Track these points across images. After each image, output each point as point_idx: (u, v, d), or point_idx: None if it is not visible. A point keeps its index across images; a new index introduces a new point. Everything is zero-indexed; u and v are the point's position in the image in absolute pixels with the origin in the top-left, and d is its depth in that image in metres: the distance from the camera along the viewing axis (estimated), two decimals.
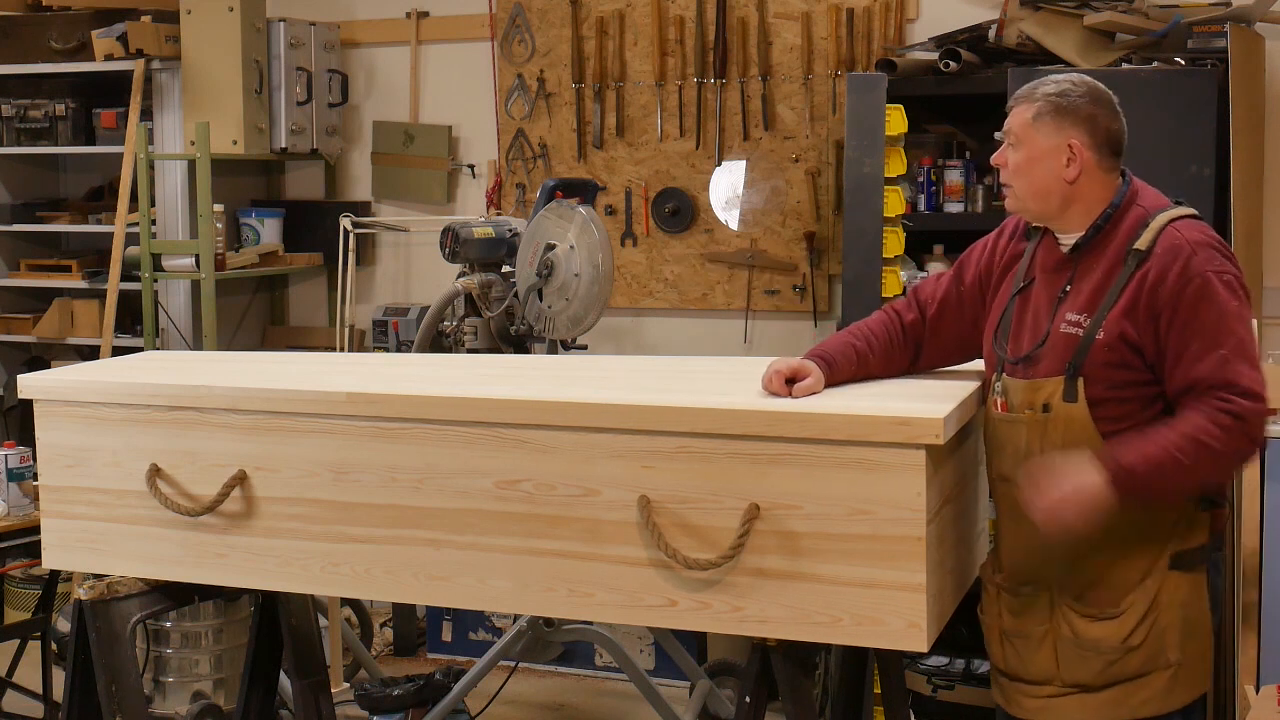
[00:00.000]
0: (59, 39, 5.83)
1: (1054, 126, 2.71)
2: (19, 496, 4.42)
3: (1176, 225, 2.69)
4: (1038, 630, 2.76)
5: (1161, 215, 2.70)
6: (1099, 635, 2.70)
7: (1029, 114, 2.73)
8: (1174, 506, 2.69)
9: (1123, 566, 2.70)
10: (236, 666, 4.57)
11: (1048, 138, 2.72)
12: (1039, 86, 2.76)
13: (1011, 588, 2.81)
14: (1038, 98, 2.74)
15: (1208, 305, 2.61)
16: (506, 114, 5.75)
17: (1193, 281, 2.62)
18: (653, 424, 2.65)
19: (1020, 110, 2.76)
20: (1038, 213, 2.78)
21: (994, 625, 2.86)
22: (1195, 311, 2.61)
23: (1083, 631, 2.71)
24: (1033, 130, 2.73)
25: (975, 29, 4.62)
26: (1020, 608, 2.79)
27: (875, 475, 2.52)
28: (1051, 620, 2.75)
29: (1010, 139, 2.77)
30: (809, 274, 5.33)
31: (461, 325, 4.74)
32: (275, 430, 2.97)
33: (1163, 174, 4.03)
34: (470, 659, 5.14)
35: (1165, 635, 2.69)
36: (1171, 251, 2.65)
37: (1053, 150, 2.71)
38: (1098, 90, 2.77)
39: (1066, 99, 2.72)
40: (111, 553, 3.17)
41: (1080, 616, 2.72)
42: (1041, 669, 2.76)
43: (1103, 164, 2.74)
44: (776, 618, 2.61)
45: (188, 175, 5.63)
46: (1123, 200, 2.74)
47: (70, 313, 5.94)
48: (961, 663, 4.55)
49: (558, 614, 2.94)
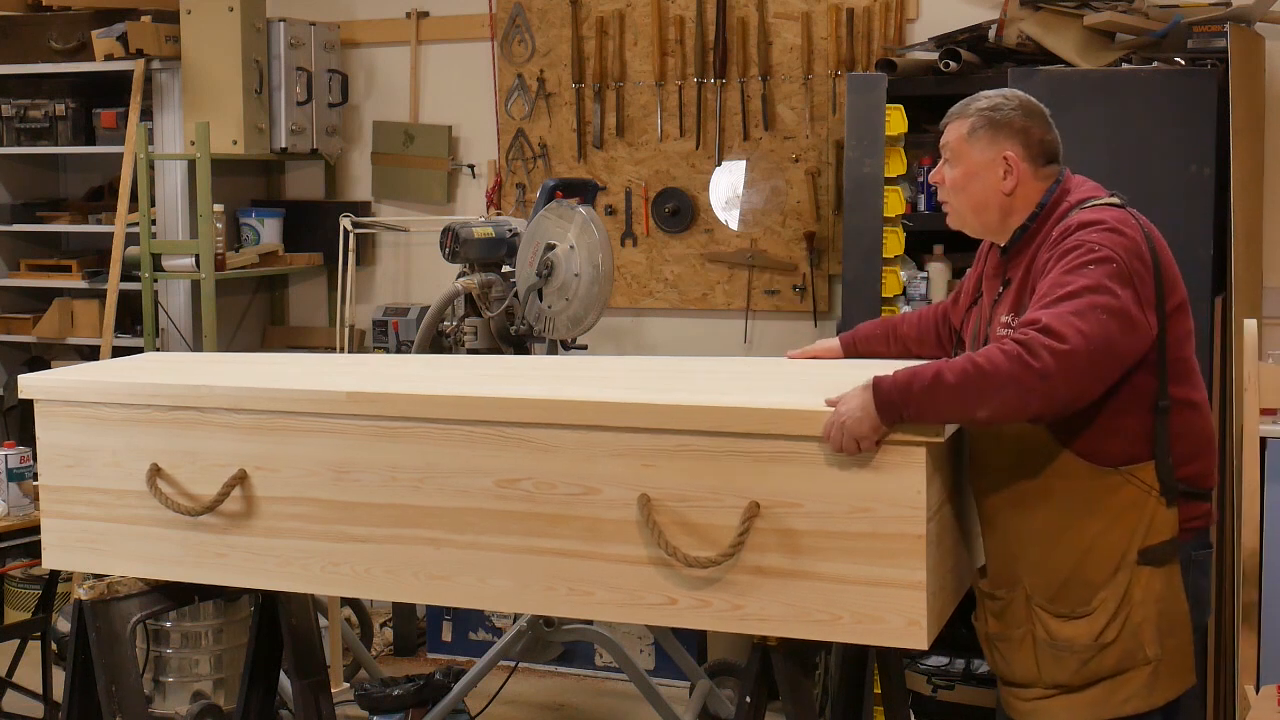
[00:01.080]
0: (59, 39, 5.83)
1: (988, 140, 2.75)
2: (19, 496, 4.42)
3: (1082, 210, 2.70)
4: (1017, 633, 2.78)
5: (1079, 207, 2.72)
6: (1071, 634, 2.71)
7: (964, 129, 2.77)
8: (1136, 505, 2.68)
9: (1089, 565, 2.70)
10: (236, 666, 4.57)
11: (983, 152, 2.75)
12: (972, 102, 2.79)
13: (991, 592, 2.83)
14: (971, 113, 2.77)
15: (1065, 258, 2.60)
16: (506, 114, 5.75)
17: (1065, 240, 2.63)
18: (653, 423, 2.65)
19: (955, 126, 2.79)
20: (978, 226, 2.83)
21: (982, 630, 2.88)
22: (1054, 265, 2.60)
23: (1056, 631, 2.72)
24: (968, 145, 2.76)
25: (975, 29, 4.62)
26: (1000, 611, 2.81)
27: (875, 473, 2.52)
28: (1028, 622, 2.75)
29: (946, 154, 2.80)
30: (809, 274, 5.33)
31: (461, 325, 4.74)
32: (276, 430, 2.97)
33: (1163, 174, 4.06)
34: (470, 659, 5.15)
35: (1140, 631, 2.69)
36: (1061, 230, 2.67)
37: (989, 164, 2.75)
38: (1030, 103, 2.79)
39: (999, 113, 2.75)
40: (111, 553, 3.17)
41: (1053, 617, 2.72)
42: (1024, 671, 2.77)
43: (1038, 174, 2.77)
44: (776, 616, 2.61)
45: (188, 175, 5.63)
46: (1050, 199, 2.76)
47: (70, 313, 5.94)
48: (961, 663, 4.55)
49: (558, 613, 2.94)
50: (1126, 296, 2.57)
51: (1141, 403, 2.68)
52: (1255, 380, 3.35)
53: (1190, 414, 2.74)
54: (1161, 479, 2.69)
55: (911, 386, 2.47)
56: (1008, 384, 2.46)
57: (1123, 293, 2.57)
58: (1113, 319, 2.54)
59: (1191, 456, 2.75)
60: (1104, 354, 2.53)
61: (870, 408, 2.47)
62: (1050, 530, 2.71)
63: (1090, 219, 2.66)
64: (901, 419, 2.48)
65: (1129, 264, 2.61)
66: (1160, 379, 2.69)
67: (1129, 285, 2.59)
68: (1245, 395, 3.39)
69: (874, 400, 2.47)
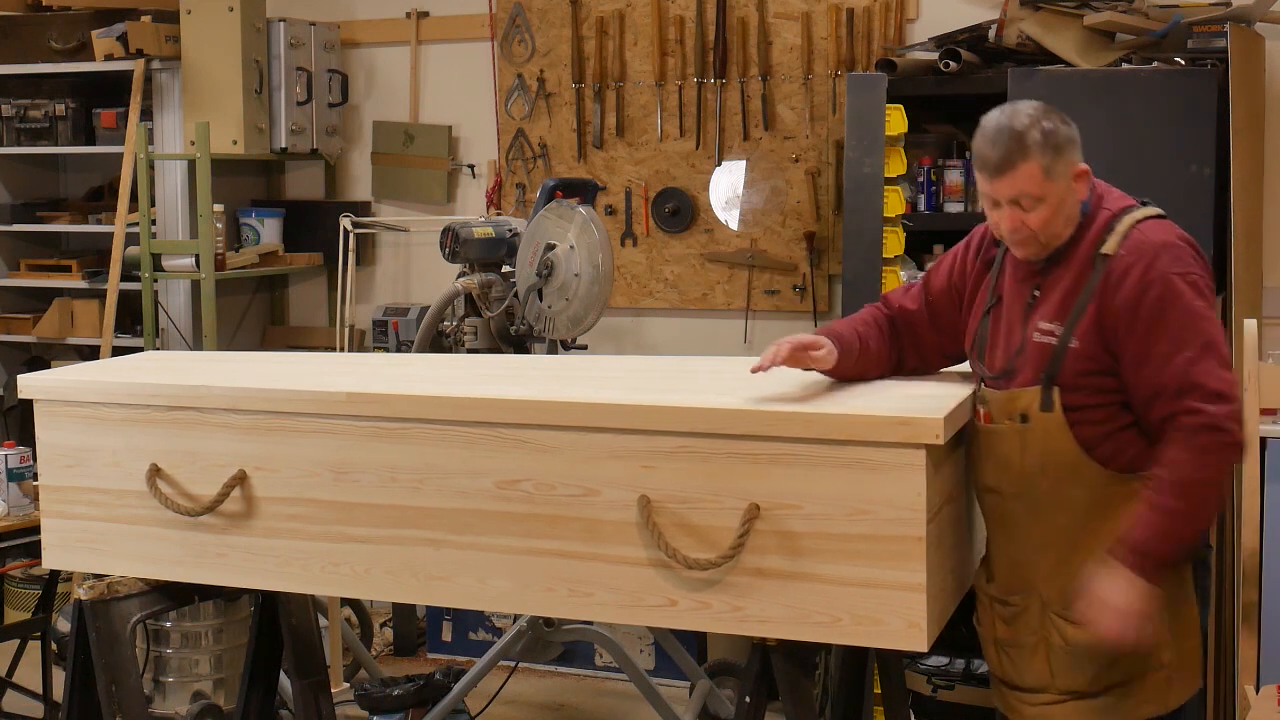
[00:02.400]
0: (59, 39, 5.83)
1: (1063, 166, 2.66)
2: (19, 496, 4.42)
3: (1141, 227, 2.68)
4: (1030, 639, 2.77)
5: (1128, 217, 2.70)
6: (1088, 640, 2.70)
7: (1038, 171, 2.63)
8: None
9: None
10: (236, 666, 4.57)
11: (1062, 178, 2.66)
12: (1024, 139, 2.62)
13: (1002, 598, 2.81)
14: (1034, 152, 2.63)
15: (1172, 308, 2.60)
16: (506, 114, 5.75)
17: (1153, 286, 2.61)
18: (653, 424, 2.65)
19: (1024, 171, 2.63)
20: (1053, 248, 2.74)
21: (989, 635, 2.86)
22: (1158, 316, 2.60)
23: (1072, 638, 2.71)
24: (1048, 183, 2.65)
25: (975, 29, 4.62)
26: (1012, 617, 2.80)
27: (875, 475, 2.52)
28: (1043, 629, 2.75)
29: (1025, 203, 2.66)
30: (809, 274, 5.33)
31: (461, 325, 4.74)
32: (275, 430, 2.97)
33: (1163, 174, 4.05)
34: (470, 659, 5.14)
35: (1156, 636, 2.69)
36: (1135, 253, 2.64)
37: (1069, 188, 2.68)
38: (1053, 109, 2.71)
39: (1055, 135, 2.65)
40: (111, 553, 3.17)
41: (1070, 624, 2.71)
42: (1037, 677, 2.77)
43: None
44: (776, 617, 2.61)
45: (188, 175, 5.63)
46: (1089, 207, 2.73)
47: (70, 313, 5.93)
48: (961, 663, 4.55)
49: (557, 614, 2.94)
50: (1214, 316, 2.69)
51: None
52: (1255, 380, 3.34)
53: None
54: None
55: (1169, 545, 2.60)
56: (1227, 472, 2.63)
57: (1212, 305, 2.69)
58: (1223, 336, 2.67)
59: None
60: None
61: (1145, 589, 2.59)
62: (1067, 537, 2.71)
63: (1169, 240, 2.66)
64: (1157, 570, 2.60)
65: (1206, 273, 2.69)
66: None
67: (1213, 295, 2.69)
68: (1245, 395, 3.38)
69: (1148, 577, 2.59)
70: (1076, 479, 2.69)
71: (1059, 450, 2.68)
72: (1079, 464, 2.68)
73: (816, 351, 2.74)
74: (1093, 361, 2.65)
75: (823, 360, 2.74)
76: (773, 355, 2.72)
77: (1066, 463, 2.68)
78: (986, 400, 2.77)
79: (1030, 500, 2.73)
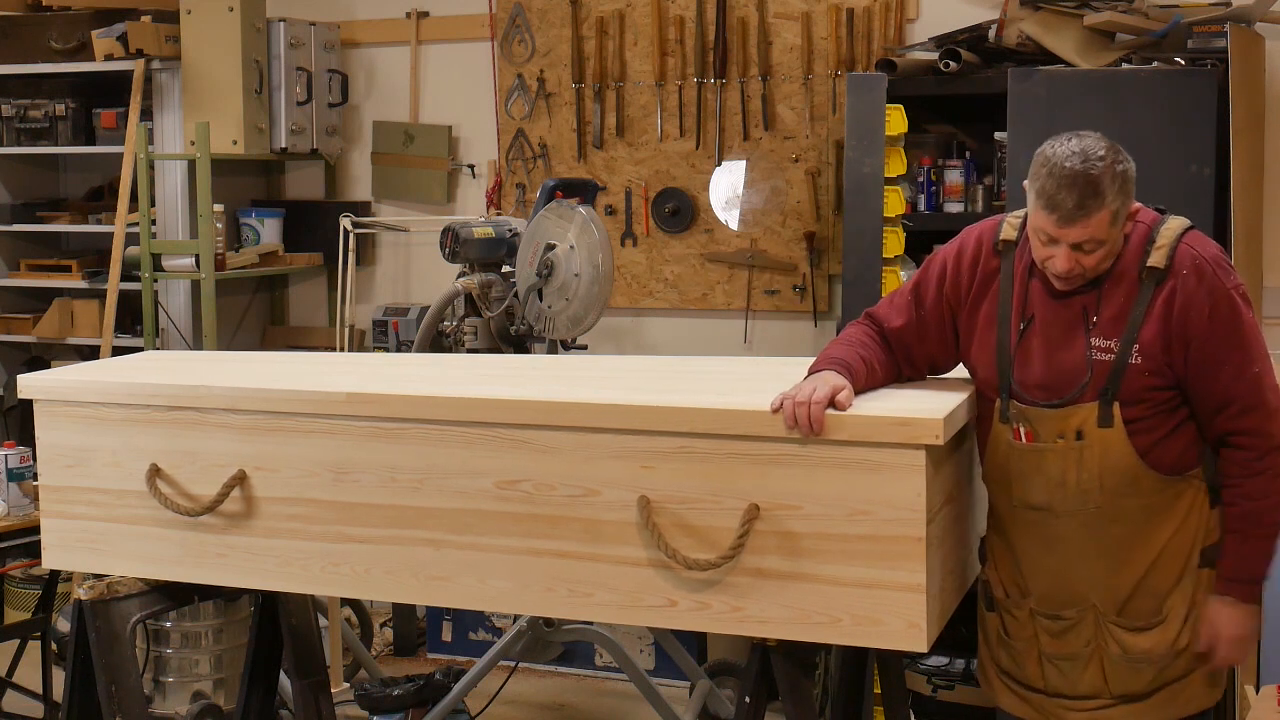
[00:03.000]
0: (59, 39, 5.83)
1: (1127, 208, 2.65)
2: (19, 496, 4.42)
3: (1188, 241, 2.69)
4: (1084, 651, 2.76)
5: (1164, 229, 2.70)
6: (1149, 645, 2.72)
7: (1107, 218, 2.60)
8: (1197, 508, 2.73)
9: (1157, 574, 2.72)
10: (236, 666, 4.57)
11: (1124, 219, 2.66)
12: (1099, 185, 2.57)
13: (1048, 613, 2.79)
14: (1108, 198, 2.58)
15: (1241, 321, 2.66)
16: (506, 114, 5.75)
17: (1221, 300, 2.65)
18: (653, 424, 2.65)
19: (1098, 219, 2.59)
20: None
21: (1029, 650, 2.83)
22: (1232, 329, 2.65)
23: (1131, 645, 2.73)
24: (1113, 228, 2.63)
25: (975, 29, 4.62)
26: (1062, 630, 2.78)
27: (875, 475, 2.52)
28: (1097, 640, 2.75)
29: (1089, 246, 2.62)
30: (809, 274, 5.33)
31: (461, 325, 4.74)
32: (275, 430, 2.97)
33: (1163, 174, 4.04)
34: (470, 659, 5.14)
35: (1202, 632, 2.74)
36: (1195, 271, 2.66)
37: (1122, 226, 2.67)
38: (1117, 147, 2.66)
39: (1125, 180, 2.62)
40: (111, 553, 3.17)
41: (1126, 631, 2.73)
42: (1090, 685, 2.77)
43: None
44: (776, 618, 2.61)
45: (188, 175, 5.63)
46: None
47: (70, 313, 5.93)
48: (961, 663, 4.55)
49: (557, 614, 2.94)
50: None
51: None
52: None
53: None
54: (1210, 479, 2.72)
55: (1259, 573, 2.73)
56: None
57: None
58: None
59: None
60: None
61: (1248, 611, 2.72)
62: (1123, 545, 2.71)
63: (1219, 255, 2.71)
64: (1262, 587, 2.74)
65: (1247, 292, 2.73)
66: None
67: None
68: None
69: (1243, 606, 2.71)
70: (1133, 489, 2.69)
71: (1118, 464, 2.68)
72: (1138, 475, 2.68)
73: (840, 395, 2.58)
74: (1156, 376, 2.66)
75: (845, 402, 2.58)
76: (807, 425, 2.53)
77: (1126, 476, 2.68)
78: (1029, 419, 2.73)
79: (1084, 515, 2.71)
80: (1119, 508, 2.70)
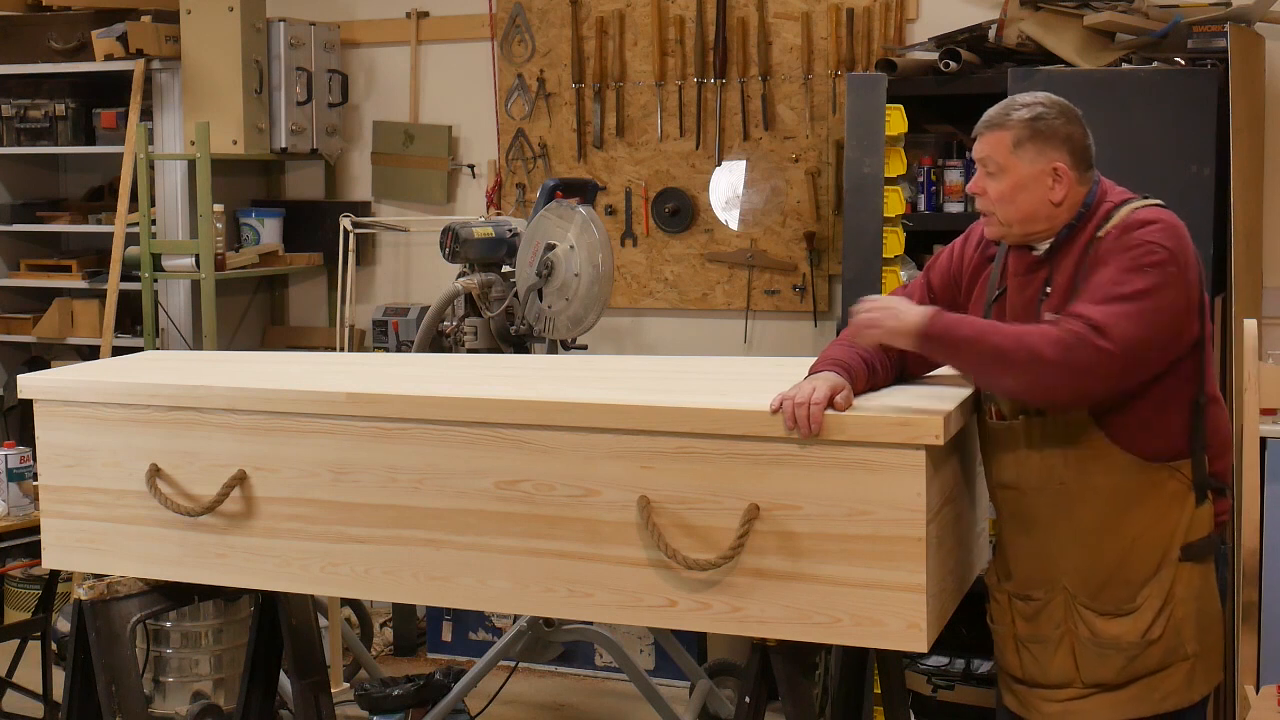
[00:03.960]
0: (59, 39, 5.83)
1: (1035, 151, 2.69)
2: (19, 496, 4.42)
3: (1137, 210, 2.69)
4: (1054, 634, 2.76)
5: (1126, 206, 2.71)
6: (1118, 632, 2.70)
7: (1008, 140, 2.70)
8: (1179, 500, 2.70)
9: (1132, 561, 2.70)
10: (236, 666, 4.57)
11: (1031, 163, 2.70)
12: (1010, 110, 2.72)
13: (1023, 594, 2.80)
14: (1013, 123, 2.70)
15: (1123, 259, 2.61)
16: (506, 114, 5.75)
17: (1122, 242, 2.62)
18: (653, 424, 2.65)
19: (995, 138, 2.72)
20: (1022, 235, 2.77)
21: (1007, 633, 2.84)
22: (1111, 262, 2.61)
23: (1101, 630, 2.71)
24: (1014, 158, 2.70)
25: (975, 29, 4.62)
26: (1034, 613, 2.78)
27: (875, 476, 2.52)
28: (1067, 622, 2.74)
29: (989, 167, 2.73)
30: (809, 274, 5.33)
31: (461, 325, 4.74)
32: (275, 430, 2.97)
33: (1163, 174, 4.05)
34: (470, 659, 5.14)
35: (1182, 628, 2.71)
36: (1121, 227, 2.66)
37: (1038, 175, 2.70)
38: (1069, 108, 2.75)
39: (1043, 121, 2.70)
40: (111, 553, 3.17)
41: (1097, 615, 2.71)
42: (1060, 672, 2.76)
43: (1081, 179, 2.74)
44: (776, 618, 2.61)
45: (188, 175, 5.62)
46: (1093, 200, 2.74)
47: (70, 313, 5.93)
48: (961, 663, 4.55)
49: (557, 614, 2.94)
50: (1179, 299, 2.62)
51: (1182, 400, 2.69)
52: (1255, 380, 3.34)
53: (1216, 410, 2.77)
54: (1199, 476, 2.71)
55: (961, 346, 2.60)
56: (1048, 368, 2.53)
57: (1175, 296, 2.61)
58: (1161, 323, 2.59)
59: (1221, 452, 2.77)
60: (1142, 358, 2.58)
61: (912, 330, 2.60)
62: (1095, 528, 2.70)
63: (1151, 218, 2.66)
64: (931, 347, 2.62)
65: (1185, 266, 2.64)
66: (1199, 377, 2.71)
67: (1182, 288, 2.63)
68: (1245, 395, 3.38)
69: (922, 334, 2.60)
70: (1102, 467, 2.68)
71: (1081, 439, 2.67)
72: (1104, 451, 2.67)
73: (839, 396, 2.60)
74: None
75: (844, 403, 2.60)
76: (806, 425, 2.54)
77: (1090, 452, 2.68)
78: (995, 397, 2.77)
79: (1053, 493, 2.72)
80: (1088, 487, 2.69)
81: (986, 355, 2.58)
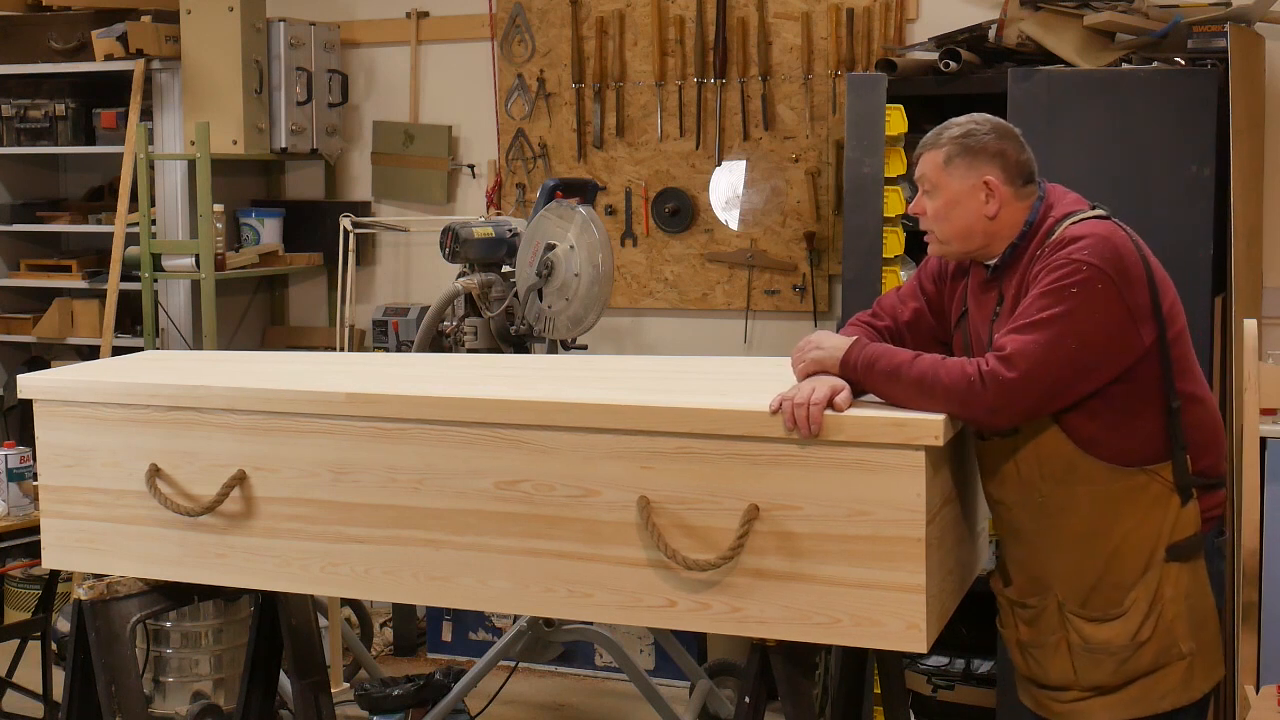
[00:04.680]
0: (59, 39, 5.83)
1: (966, 167, 2.74)
2: (19, 496, 4.42)
3: (1069, 226, 2.69)
4: (1051, 639, 2.78)
5: (1065, 220, 2.71)
6: (1107, 637, 2.72)
7: (939, 159, 2.75)
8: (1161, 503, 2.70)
9: (1118, 566, 2.71)
10: (236, 666, 4.57)
11: (962, 179, 2.74)
12: (944, 131, 2.78)
13: (1020, 601, 2.83)
14: (944, 142, 2.76)
15: (1044, 281, 2.62)
16: (506, 114, 5.75)
17: (1048, 264, 2.64)
18: (652, 424, 2.65)
19: (929, 157, 2.77)
20: (961, 252, 2.81)
21: (1012, 637, 2.88)
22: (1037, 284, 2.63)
23: (1091, 635, 2.73)
24: (946, 174, 2.75)
25: (975, 29, 4.62)
26: (1032, 619, 2.81)
27: (875, 476, 2.52)
28: (1062, 628, 2.76)
29: (925, 185, 2.78)
30: (809, 274, 5.33)
31: (461, 325, 4.74)
32: (275, 430, 2.97)
33: (1163, 174, 4.05)
34: (470, 659, 5.15)
35: (1174, 628, 2.72)
36: (1055, 244, 2.67)
37: (969, 191, 2.74)
38: (1002, 125, 2.79)
39: (973, 139, 2.74)
40: (111, 553, 3.17)
41: (1087, 621, 2.73)
42: (1060, 675, 2.78)
43: (1019, 194, 2.76)
44: (775, 618, 2.61)
45: (188, 175, 5.63)
46: (1036, 216, 2.76)
47: (70, 313, 5.93)
48: (961, 663, 4.55)
49: (557, 614, 2.94)
50: (1111, 314, 2.60)
51: (1151, 404, 2.69)
52: (1255, 380, 3.34)
53: (1197, 408, 2.76)
54: (1180, 477, 2.71)
55: (878, 379, 2.63)
56: (955, 401, 2.57)
57: (1105, 312, 2.60)
58: (1087, 343, 2.59)
59: (1205, 449, 2.77)
60: (1059, 380, 2.60)
61: (834, 362, 2.64)
62: (1079, 536, 2.72)
63: (1078, 234, 2.67)
64: (856, 385, 2.62)
65: (1119, 278, 2.62)
66: (1166, 381, 2.70)
67: (1114, 301, 2.61)
68: (1245, 395, 3.38)
69: (845, 364, 2.63)
70: (1078, 477, 2.69)
71: (1055, 453, 2.69)
72: (1077, 462, 2.68)
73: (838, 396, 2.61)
74: None
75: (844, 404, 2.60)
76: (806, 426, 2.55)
77: (1065, 463, 2.69)
78: None
79: (1035, 507, 2.74)
80: (1069, 497, 2.70)
81: (904, 387, 2.60)
